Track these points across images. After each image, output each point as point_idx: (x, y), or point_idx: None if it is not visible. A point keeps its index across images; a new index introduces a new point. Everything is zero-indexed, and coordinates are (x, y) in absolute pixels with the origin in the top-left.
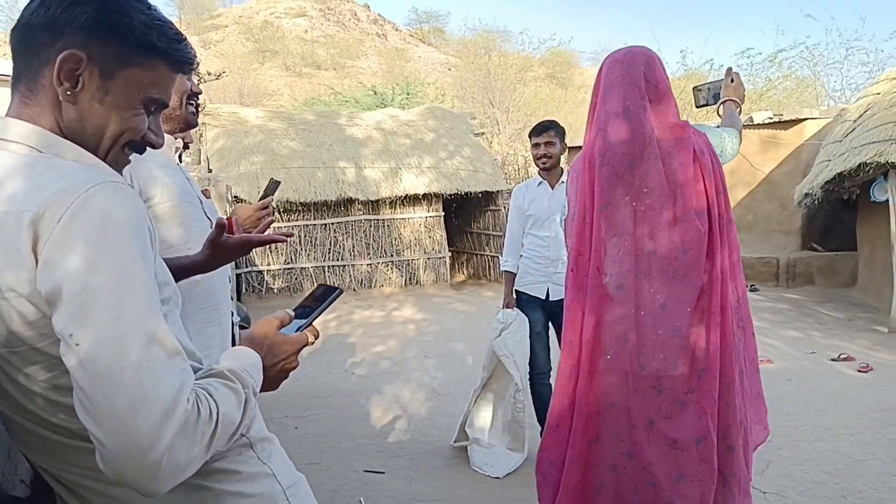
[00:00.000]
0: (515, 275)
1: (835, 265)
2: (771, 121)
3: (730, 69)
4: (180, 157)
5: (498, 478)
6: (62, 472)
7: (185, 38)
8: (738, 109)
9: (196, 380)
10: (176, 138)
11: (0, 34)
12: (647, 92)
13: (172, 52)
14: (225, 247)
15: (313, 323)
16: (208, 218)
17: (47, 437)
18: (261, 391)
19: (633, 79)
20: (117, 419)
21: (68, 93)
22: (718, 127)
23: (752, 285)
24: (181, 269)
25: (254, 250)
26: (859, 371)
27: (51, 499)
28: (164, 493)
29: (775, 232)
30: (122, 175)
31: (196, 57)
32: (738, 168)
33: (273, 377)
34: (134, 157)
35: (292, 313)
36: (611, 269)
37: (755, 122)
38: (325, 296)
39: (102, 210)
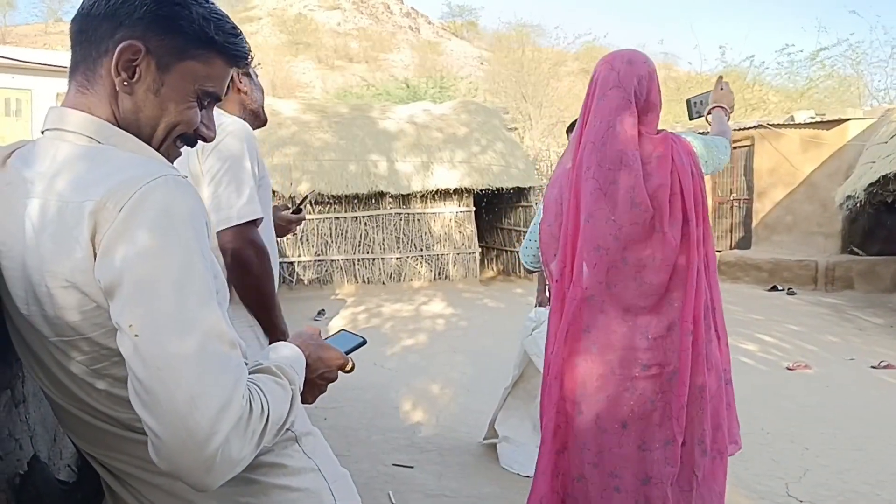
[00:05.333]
0: None
1: (876, 270)
2: (812, 120)
3: (720, 77)
4: None
5: (527, 476)
6: (109, 459)
7: (241, 33)
8: (727, 116)
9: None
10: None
11: (41, 25)
12: (637, 105)
13: (229, 46)
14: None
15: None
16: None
17: (96, 426)
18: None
19: (626, 91)
20: (175, 412)
21: (125, 83)
22: (708, 135)
23: (789, 288)
24: None
25: (285, 241)
26: None
27: (96, 484)
28: (218, 486)
29: (815, 234)
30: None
31: (251, 52)
32: (779, 168)
33: (313, 382)
34: (247, 140)
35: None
36: (587, 282)
37: (796, 122)
38: (349, 340)
39: (163, 202)
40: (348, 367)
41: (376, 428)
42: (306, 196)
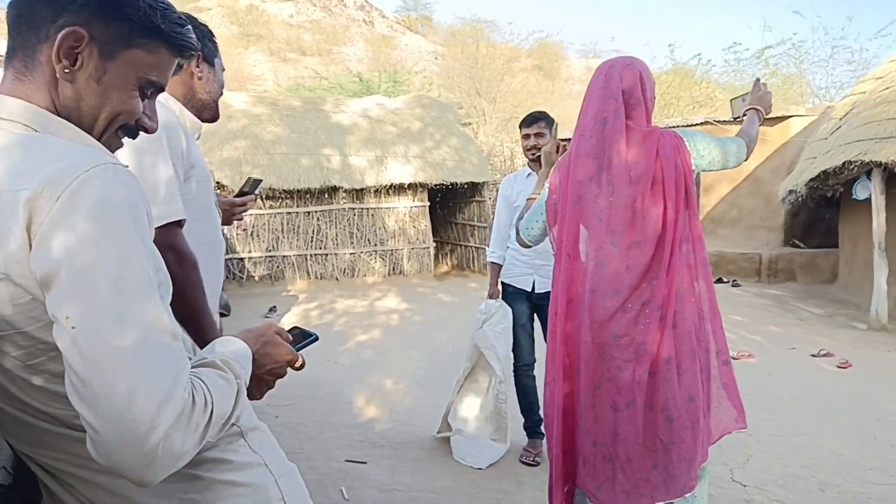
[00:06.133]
0: (501, 266)
1: (816, 262)
2: None
3: (758, 80)
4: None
5: (481, 469)
6: (47, 458)
7: (188, 23)
8: (760, 118)
9: (190, 368)
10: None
11: None
12: (623, 102)
13: (175, 36)
14: None
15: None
16: (217, 208)
17: (32, 424)
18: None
19: (612, 91)
20: (113, 406)
21: (66, 71)
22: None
23: (734, 280)
24: None
25: (235, 237)
26: (839, 367)
27: (34, 485)
28: (160, 483)
29: (759, 228)
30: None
31: (197, 43)
32: None
33: (260, 378)
34: (181, 127)
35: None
36: (584, 258)
37: (741, 118)
38: (302, 337)
39: (102, 191)
40: (298, 364)
41: (329, 424)
42: (249, 178)
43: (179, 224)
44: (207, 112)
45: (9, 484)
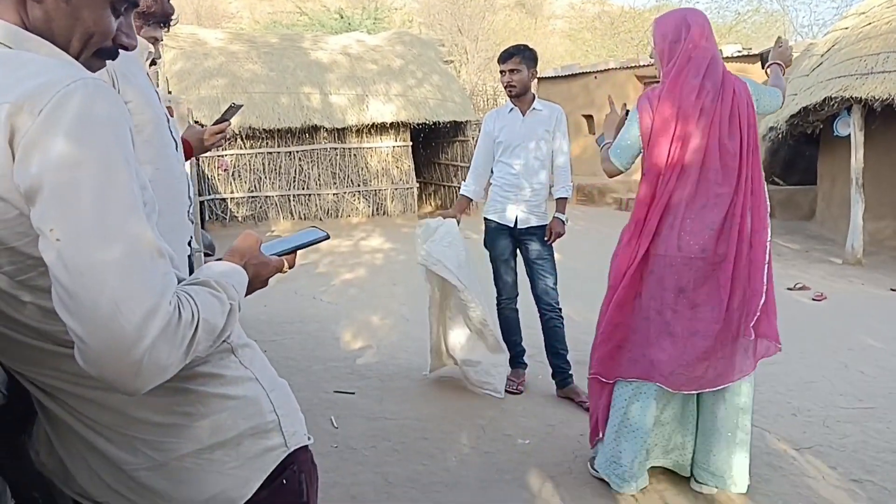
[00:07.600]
0: (471, 200)
1: (795, 199)
2: (739, 54)
3: (779, 37)
4: (153, 62)
5: (499, 396)
6: (40, 376)
7: None
8: (783, 71)
9: (182, 286)
10: (149, 41)
11: None
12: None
13: None
14: None
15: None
16: (174, 138)
17: (23, 342)
18: None
19: (708, 37)
20: (99, 317)
21: None
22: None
23: None
24: None
25: (216, 178)
26: (814, 300)
27: (28, 404)
28: (154, 398)
29: None
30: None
31: None
32: None
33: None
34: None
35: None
36: (678, 181)
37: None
38: (310, 235)
39: (84, 106)
40: (285, 269)
41: (317, 358)
42: (231, 104)
43: None
44: (146, 13)
45: (3, 404)
